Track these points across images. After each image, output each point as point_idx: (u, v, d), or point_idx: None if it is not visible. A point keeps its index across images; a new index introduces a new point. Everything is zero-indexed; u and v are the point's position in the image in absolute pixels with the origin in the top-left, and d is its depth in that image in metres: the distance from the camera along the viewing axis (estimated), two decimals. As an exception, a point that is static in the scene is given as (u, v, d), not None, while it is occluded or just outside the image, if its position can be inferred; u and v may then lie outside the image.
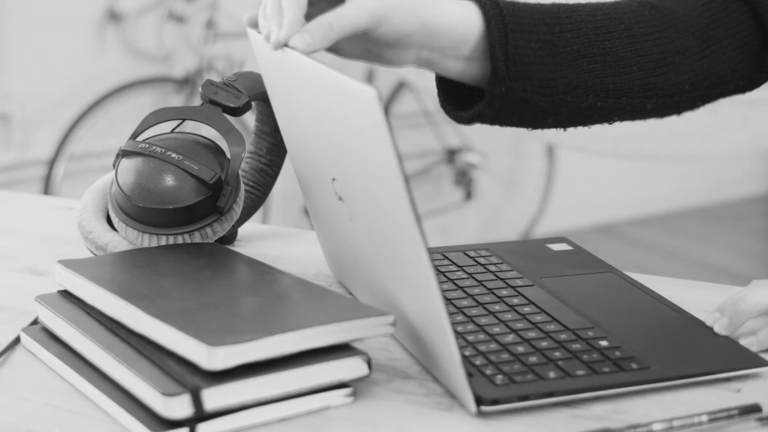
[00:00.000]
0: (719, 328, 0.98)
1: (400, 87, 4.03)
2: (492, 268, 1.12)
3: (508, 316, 1.00)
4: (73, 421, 0.86)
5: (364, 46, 1.00)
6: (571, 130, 1.10)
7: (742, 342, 0.97)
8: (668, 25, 1.06)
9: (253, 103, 1.17)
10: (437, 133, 4.12)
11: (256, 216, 1.36)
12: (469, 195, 4.17)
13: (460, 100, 1.07)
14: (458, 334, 0.96)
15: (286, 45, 0.95)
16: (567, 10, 1.04)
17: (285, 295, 0.96)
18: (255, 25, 1.00)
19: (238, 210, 1.11)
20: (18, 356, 0.97)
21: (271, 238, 1.27)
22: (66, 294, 0.99)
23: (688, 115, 1.15)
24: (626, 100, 1.06)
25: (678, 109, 1.10)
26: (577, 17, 1.03)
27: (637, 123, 1.14)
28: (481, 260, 1.14)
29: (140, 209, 1.07)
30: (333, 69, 0.88)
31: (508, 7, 1.01)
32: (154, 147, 1.09)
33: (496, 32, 0.99)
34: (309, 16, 0.98)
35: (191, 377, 0.83)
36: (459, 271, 1.11)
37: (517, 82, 1.00)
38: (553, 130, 1.10)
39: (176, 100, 3.67)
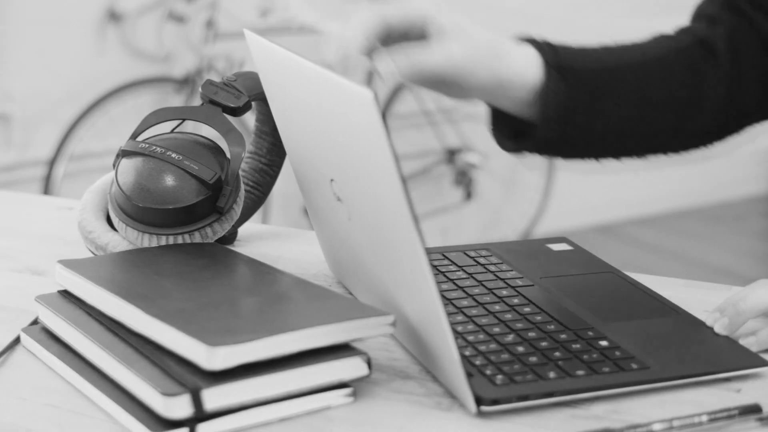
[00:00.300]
0: (719, 328, 0.98)
1: (400, 87, 4.03)
2: (492, 268, 1.12)
3: (508, 316, 1.00)
4: (73, 421, 0.86)
5: (433, 80, 1.06)
6: None
7: (742, 342, 0.97)
8: (701, 68, 1.13)
9: (253, 103, 1.17)
10: (437, 133, 4.12)
11: (256, 216, 1.36)
12: (469, 195, 4.17)
13: (504, 125, 1.14)
14: (458, 334, 0.96)
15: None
16: (613, 56, 1.12)
17: (285, 295, 0.96)
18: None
19: (238, 210, 1.11)
20: (18, 356, 0.97)
21: (271, 238, 1.27)
22: (66, 294, 0.99)
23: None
24: (657, 139, 1.14)
25: (705, 142, 1.18)
26: (623, 66, 1.11)
27: None
28: (481, 260, 1.14)
29: (140, 209, 1.07)
30: (330, 70, 0.88)
31: (563, 54, 1.09)
32: (154, 147, 1.09)
33: (554, 84, 1.07)
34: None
35: (191, 377, 0.83)
36: (459, 271, 1.11)
37: (564, 127, 1.09)
38: None
39: (176, 100, 3.67)
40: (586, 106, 1.09)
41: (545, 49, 1.08)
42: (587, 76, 1.09)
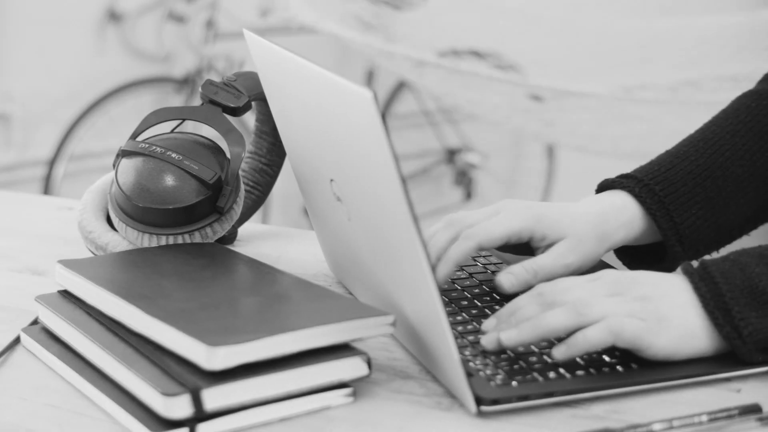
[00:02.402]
0: (507, 340, 0.91)
1: (400, 87, 4.03)
2: (492, 268, 1.12)
3: (508, 316, 1.00)
4: (73, 421, 0.86)
5: None
6: (570, 129, 1.14)
7: (554, 352, 0.90)
8: None
9: (253, 103, 1.17)
10: (437, 133, 4.13)
11: (256, 216, 1.36)
12: (469, 195, 4.17)
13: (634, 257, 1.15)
14: (459, 334, 0.96)
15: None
16: (709, 153, 1.11)
17: (285, 295, 0.96)
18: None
19: (238, 210, 1.11)
20: (18, 356, 0.97)
21: (271, 238, 1.27)
22: (66, 294, 0.99)
23: (687, 115, 1.17)
24: None
25: None
26: (721, 158, 1.11)
27: (636, 122, 1.18)
28: (481, 260, 1.14)
29: (140, 209, 1.07)
30: (330, 71, 0.88)
31: (659, 183, 1.09)
32: (154, 147, 1.09)
33: (664, 223, 1.08)
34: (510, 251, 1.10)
35: (191, 377, 0.83)
36: (459, 271, 1.11)
37: (692, 247, 1.09)
38: (552, 130, 1.13)
39: (176, 100, 3.67)
40: (698, 217, 1.09)
41: (638, 192, 1.09)
42: (688, 186, 1.10)
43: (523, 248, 1.08)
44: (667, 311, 0.91)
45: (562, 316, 0.90)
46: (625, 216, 1.09)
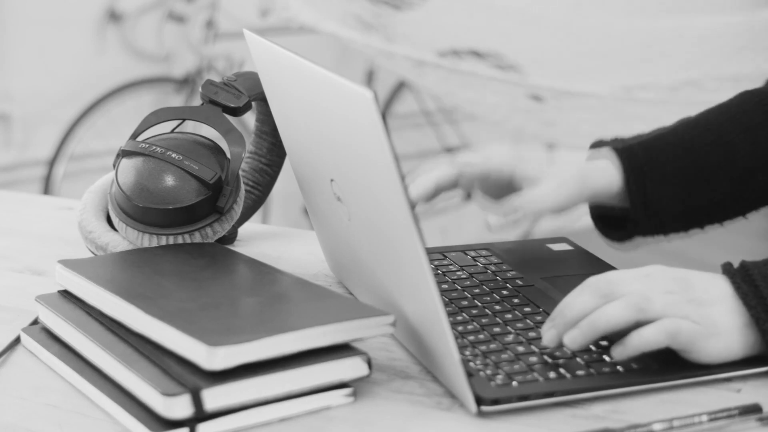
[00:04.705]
0: (570, 341, 0.91)
1: (400, 87, 4.03)
2: (492, 268, 1.12)
3: (509, 316, 1.00)
4: (73, 421, 0.86)
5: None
6: (570, 128, 1.16)
7: (614, 353, 0.91)
8: None
9: (253, 103, 1.17)
10: (437, 133, 4.12)
11: (256, 216, 1.36)
12: (469, 195, 4.17)
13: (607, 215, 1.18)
14: (459, 334, 0.96)
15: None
16: (695, 135, 1.15)
17: (285, 295, 0.96)
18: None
19: (238, 210, 1.11)
20: (18, 356, 0.97)
21: (271, 238, 1.27)
22: (66, 294, 0.99)
23: (688, 115, 1.17)
24: (751, 196, 1.17)
25: None
26: (702, 142, 1.14)
27: (636, 121, 1.19)
28: (481, 260, 1.14)
29: (140, 209, 1.07)
30: (330, 71, 0.88)
31: (646, 152, 1.13)
32: (155, 147, 1.09)
33: (635, 187, 1.12)
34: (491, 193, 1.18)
35: (191, 377, 0.83)
36: (459, 270, 1.11)
37: (655, 220, 1.14)
38: (552, 130, 1.14)
39: (176, 100, 3.67)
40: (670, 194, 1.13)
41: (623, 154, 1.13)
42: (670, 162, 1.13)
43: (503, 192, 1.16)
44: (718, 318, 0.92)
45: (621, 310, 0.91)
46: (608, 166, 1.13)
